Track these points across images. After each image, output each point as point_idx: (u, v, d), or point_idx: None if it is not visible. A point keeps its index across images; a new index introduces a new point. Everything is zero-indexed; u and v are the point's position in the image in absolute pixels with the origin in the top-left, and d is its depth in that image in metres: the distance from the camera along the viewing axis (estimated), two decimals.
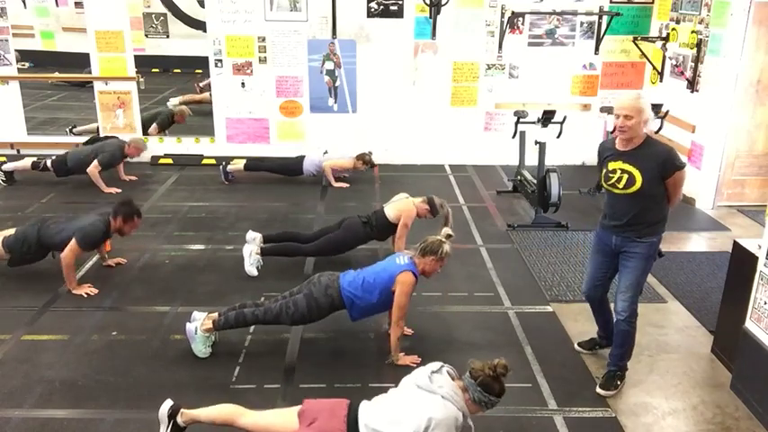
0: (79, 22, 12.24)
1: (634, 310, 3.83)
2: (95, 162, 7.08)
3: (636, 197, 3.64)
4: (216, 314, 4.16)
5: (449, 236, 4.16)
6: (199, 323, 4.10)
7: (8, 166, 7.33)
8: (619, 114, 3.58)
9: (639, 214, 3.68)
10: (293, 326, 4.25)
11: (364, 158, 7.59)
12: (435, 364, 3.13)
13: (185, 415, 3.26)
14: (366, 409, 3.07)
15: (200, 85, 10.82)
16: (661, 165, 3.58)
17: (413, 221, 5.38)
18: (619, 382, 3.93)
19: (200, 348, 4.10)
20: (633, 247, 3.75)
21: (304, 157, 7.60)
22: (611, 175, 3.69)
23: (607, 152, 3.77)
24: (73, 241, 4.83)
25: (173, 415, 3.27)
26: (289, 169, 7.63)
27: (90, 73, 8.16)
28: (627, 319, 3.83)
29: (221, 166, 7.60)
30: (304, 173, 7.59)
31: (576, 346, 4.35)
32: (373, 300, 4.04)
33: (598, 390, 3.89)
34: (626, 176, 3.62)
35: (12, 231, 5.08)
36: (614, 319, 3.98)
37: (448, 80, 8.21)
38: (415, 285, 4.07)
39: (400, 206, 5.41)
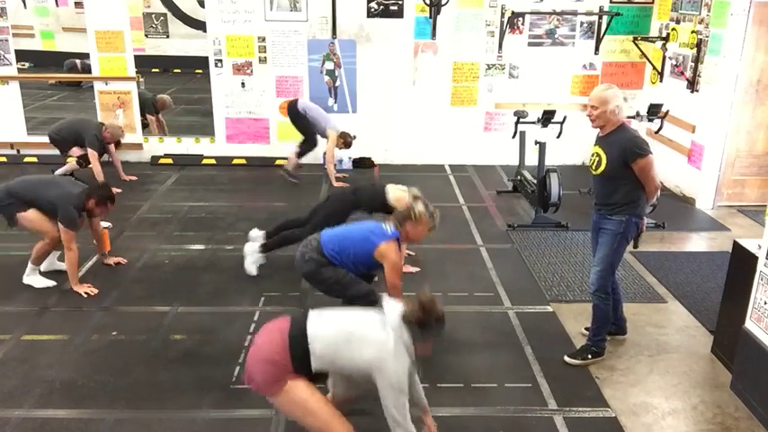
0: (79, 22, 12.26)
1: (603, 285, 4.04)
2: (90, 152, 7.01)
3: (604, 178, 3.95)
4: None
5: (416, 197, 4.07)
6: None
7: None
8: (587, 104, 3.95)
9: (608, 194, 3.96)
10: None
11: (346, 139, 7.50)
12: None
13: None
14: (315, 320, 2.99)
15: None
16: (623, 150, 3.82)
17: None
18: (589, 356, 4.13)
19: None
20: (605, 223, 4.01)
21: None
22: (591, 157, 4.06)
23: (596, 137, 4.12)
24: (63, 230, 4.74)
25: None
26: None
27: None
28: (595, 292, 4.06)
29: (285, 174, 7.58)
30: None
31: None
32: (350, 267, 4.03)
33: (565, 357, 4.13)
34: (597, 159, 3.95)
35: None
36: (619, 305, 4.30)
37: (448, 80, 8.21)
38: (399, 253, 4.01)
39: (399, 195, 5.37)
